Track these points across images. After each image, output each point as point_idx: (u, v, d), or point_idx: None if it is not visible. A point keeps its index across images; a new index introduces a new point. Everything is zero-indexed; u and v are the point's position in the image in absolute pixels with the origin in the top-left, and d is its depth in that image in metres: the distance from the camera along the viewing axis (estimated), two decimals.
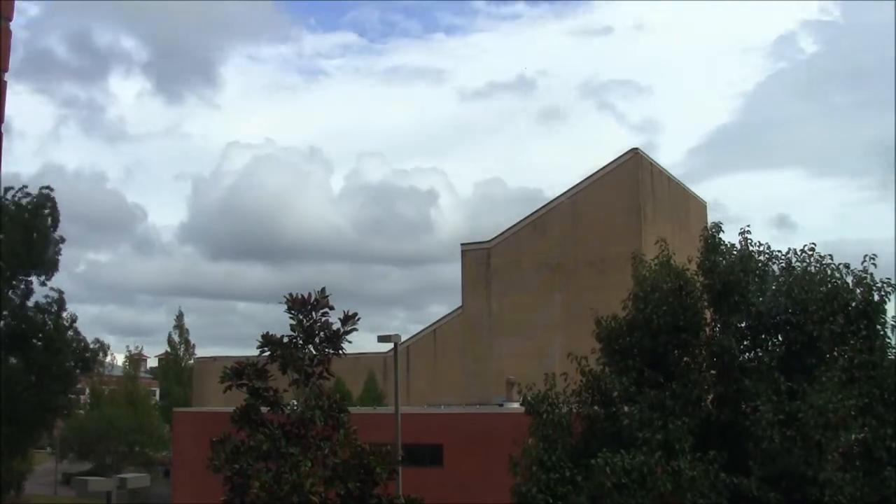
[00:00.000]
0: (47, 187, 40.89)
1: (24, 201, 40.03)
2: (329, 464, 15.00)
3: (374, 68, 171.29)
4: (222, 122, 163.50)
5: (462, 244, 57.71)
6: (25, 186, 40.46)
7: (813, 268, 18.06)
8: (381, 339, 26.22)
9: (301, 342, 15.62)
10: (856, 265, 18.13)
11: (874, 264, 17.93)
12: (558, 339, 43.58)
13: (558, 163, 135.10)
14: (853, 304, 17.72)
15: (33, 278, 40.25)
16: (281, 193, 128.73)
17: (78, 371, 43.60)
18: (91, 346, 43.19)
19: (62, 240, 41.52)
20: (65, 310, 41.26)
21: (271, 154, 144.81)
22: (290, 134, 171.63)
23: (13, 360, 39.41)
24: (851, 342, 17.54)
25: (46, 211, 40.47)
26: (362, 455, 15.16)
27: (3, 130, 3.49)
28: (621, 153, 54.52)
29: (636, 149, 54.57)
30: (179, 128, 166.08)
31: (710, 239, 18.61)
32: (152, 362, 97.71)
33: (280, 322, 15.85)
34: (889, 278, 17.90)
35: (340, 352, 15.91)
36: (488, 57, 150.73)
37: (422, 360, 55.44)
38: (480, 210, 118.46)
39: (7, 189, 39.64)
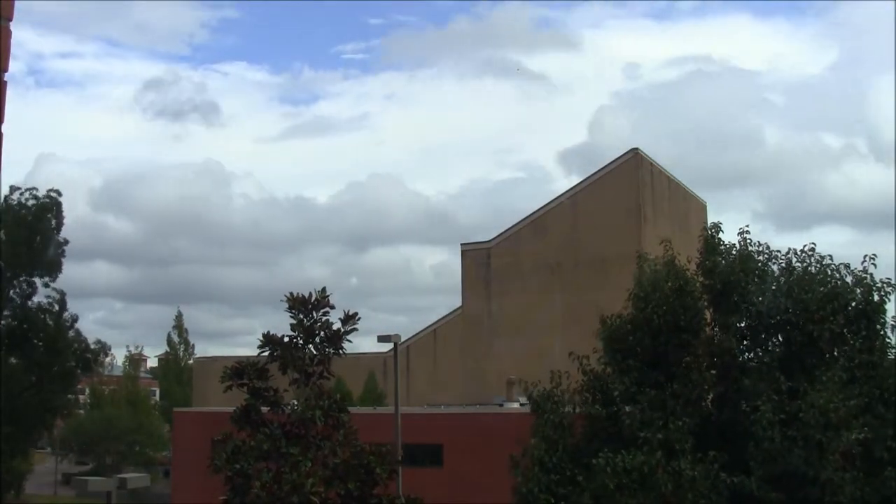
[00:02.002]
0: (54, 190, 41.21)
1: (29, 203, 40.20)
2: (329, 464, 14.99)
3: None
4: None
5: (462, 244, 57.68)
6: (32, 188, 40.72)
7: (813, 268, 18.10)
8: (381, 339, 26.18)
9: (301, 342, 15.61)
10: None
11: (874, 264, 17.97)
12: (558, 339, 43.48)
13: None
14: (853, 304, 17.75)
15: (36, 279, 40.39)
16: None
17: (78, 371, 43.62)
18: (92, 346, 43.21)
19: (66, 241, 41.77)
20: (66, 310, 41.37)
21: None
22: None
23: (14, 360, 39.40)
24: (852, 342, 17.55)
25: (50, 214, 40.62)
26: (362, 455, 15.15)
27: (2, 131, 3.49)
28: (621, 153, 54.55)
29: (636, 149, 54.49)
30: None
31: (710, 239, 18.65)
32: (152, 362, 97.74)
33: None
34: (889, 278, 17.95)
35: (341, 351, 15.90)
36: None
37: (422, 360, 55.43)
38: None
39: (13, 189, 39.87)
